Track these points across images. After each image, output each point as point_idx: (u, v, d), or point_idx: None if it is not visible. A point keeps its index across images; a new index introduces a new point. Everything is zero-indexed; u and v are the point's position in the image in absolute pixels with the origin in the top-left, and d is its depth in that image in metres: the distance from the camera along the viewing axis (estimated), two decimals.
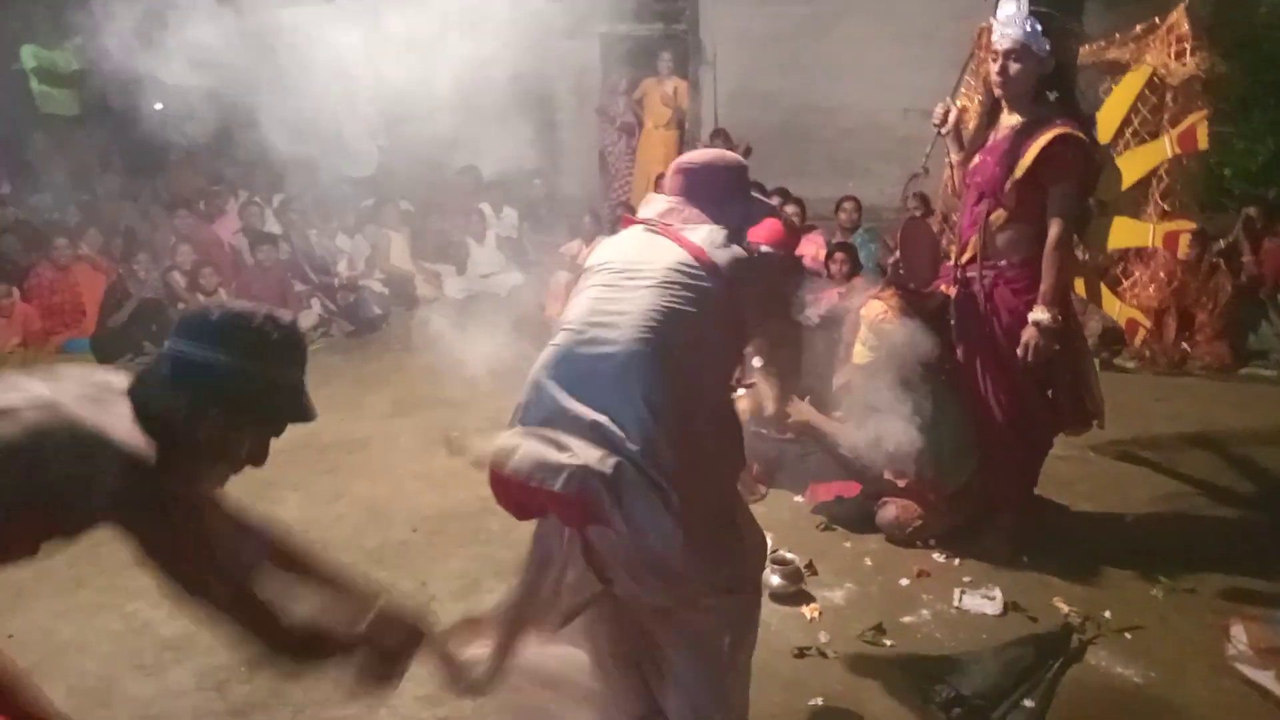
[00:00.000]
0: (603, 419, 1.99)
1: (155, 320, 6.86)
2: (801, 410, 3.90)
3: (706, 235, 2.19)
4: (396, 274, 8.36)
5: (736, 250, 2.18)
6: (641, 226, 2.30)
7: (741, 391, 2.60)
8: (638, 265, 2.16)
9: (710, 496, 2.10)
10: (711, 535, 2.07)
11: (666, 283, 2.11)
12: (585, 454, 1.96)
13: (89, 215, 8.14)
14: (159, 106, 9.16)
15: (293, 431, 1.72)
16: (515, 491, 2.04)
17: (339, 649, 1.74)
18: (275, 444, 1.73)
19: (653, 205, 2.33)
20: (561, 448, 1.98)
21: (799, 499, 4.13)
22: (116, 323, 6.77)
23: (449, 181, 9.41)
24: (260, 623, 1.63)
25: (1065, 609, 3.21)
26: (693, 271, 2.12)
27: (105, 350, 6.68)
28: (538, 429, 2.04)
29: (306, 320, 7.26)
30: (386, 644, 1.79)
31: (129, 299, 6.83)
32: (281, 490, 4.31)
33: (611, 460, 1.95)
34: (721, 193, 2.28)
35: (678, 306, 2.08)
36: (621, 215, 2.47)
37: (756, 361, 2.58)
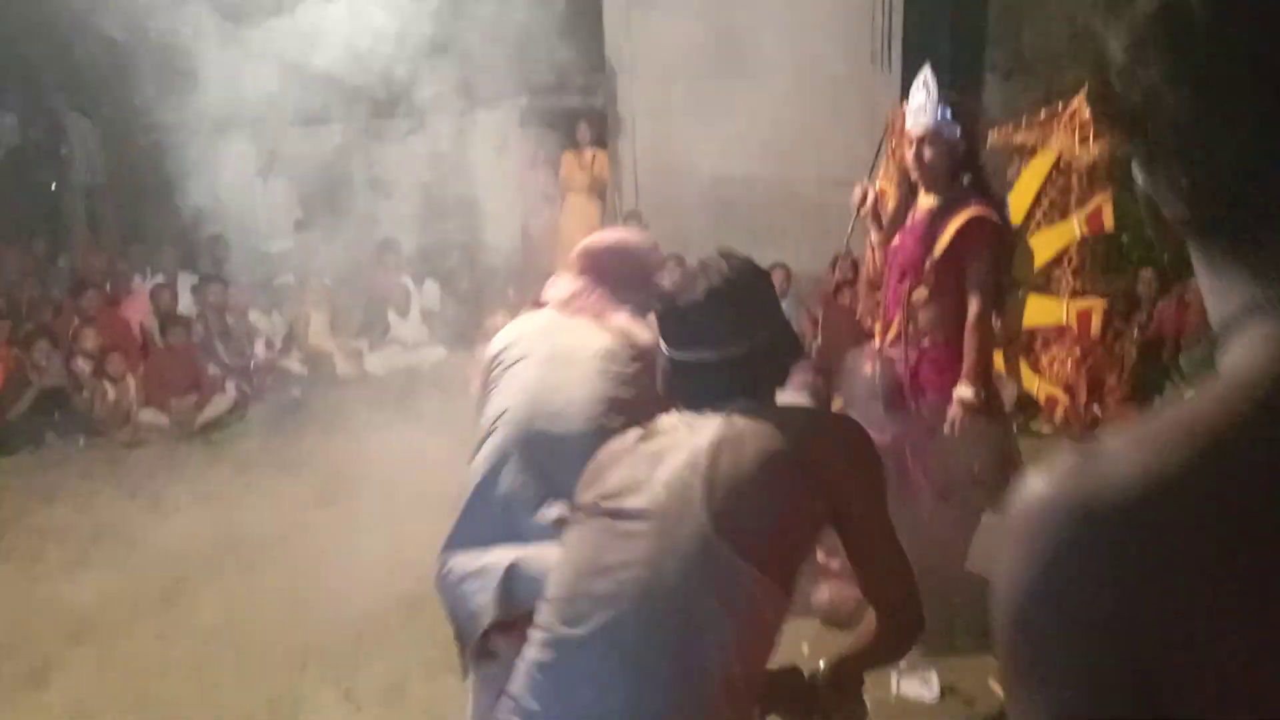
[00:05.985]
0: None
1: (59, 409, 6.58)
2: None
3: (628, 319, 2.22)
4: (315, 353, 8.17)
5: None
6: (554, 310, 2.30)
7: None
8: (569, 352, 2.17)
9: None
10: None
11: (602, 368, 2.13)
12: None
13: None
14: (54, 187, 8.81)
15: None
16: None
17: None
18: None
19: (560, 286, 2.32)
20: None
21: None
22: (16, 413, 6.44)
23: (369, 256, 9.29)
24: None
25: (1001, 690, 3.21)
26: (623, 356, 2.16)
27: (4, 443, 6.36)
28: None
29: (221, 404, 7.02)
30: None
31: (29, 388, 6.53)
32: (195, 587, 4.10)
33: None
34: (631, 274, 2.28)
35: (615, 391, 2.11)
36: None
37: None
